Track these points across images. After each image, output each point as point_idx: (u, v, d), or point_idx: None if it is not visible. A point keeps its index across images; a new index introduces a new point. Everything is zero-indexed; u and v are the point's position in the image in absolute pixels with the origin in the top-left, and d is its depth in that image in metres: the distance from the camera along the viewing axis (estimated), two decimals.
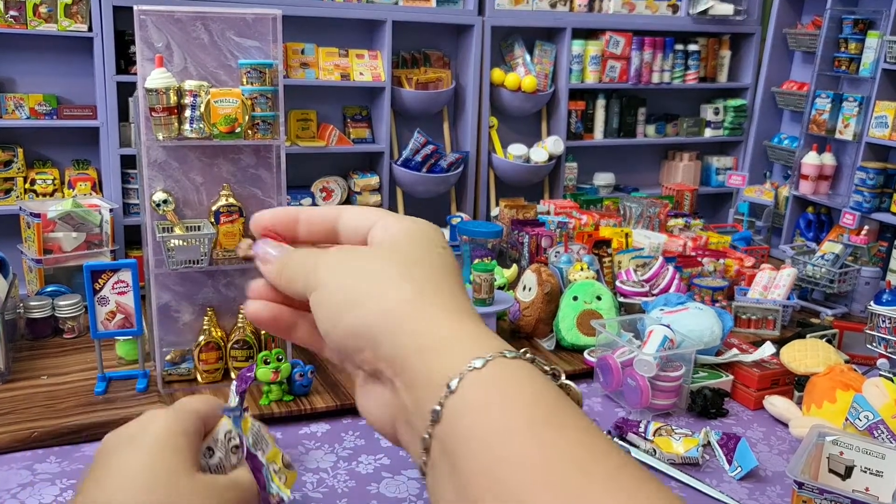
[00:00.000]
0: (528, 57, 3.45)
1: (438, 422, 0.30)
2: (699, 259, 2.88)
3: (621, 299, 2.62)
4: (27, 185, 2.74)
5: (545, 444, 0.28)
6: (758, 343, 2.40)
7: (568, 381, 0.34)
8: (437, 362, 0.32)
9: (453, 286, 0.36)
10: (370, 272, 0.36)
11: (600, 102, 3.68)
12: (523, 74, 3.40)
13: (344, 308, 0.35)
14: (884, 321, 2.38)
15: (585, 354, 2.38)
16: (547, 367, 0.34)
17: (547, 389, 0.31)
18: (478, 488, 0.29)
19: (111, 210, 2.63)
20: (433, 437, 0.31)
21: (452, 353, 0.32)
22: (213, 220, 2.09)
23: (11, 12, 2.60)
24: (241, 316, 2.15)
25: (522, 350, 0.32)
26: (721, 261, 2.87)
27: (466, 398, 0.30)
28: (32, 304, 2.37)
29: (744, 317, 2.61)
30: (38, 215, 2.46)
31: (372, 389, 0.36)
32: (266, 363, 2.00)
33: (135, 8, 1.98)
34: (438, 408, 0.30)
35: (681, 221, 3.29)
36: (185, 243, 2.01)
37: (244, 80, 2.04)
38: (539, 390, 0.31)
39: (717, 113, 3.94)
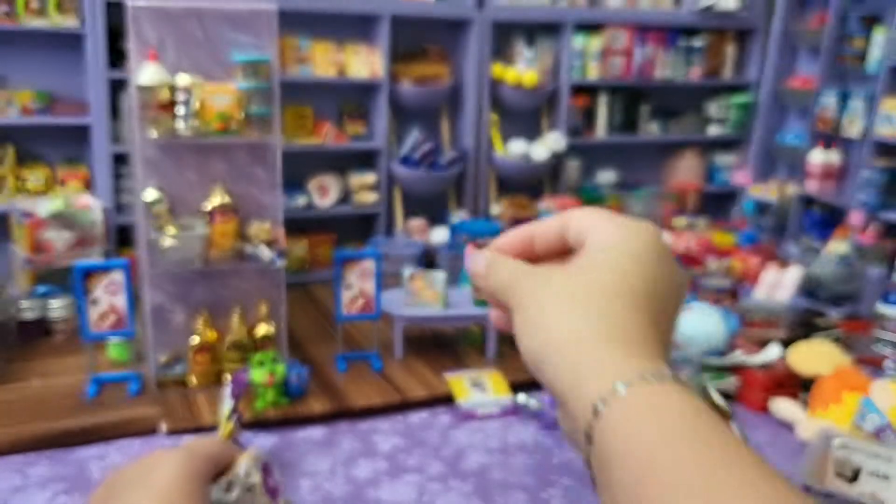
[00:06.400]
0: (528, 52, 3.41)
1: (591, 444, 0.34)
2: (704, 259, 2.84)
3: None
4: (18, 184, 2.70)
5: (679, 458, 0.31)
6: (764, 344, 2.37)
7: (719, 400, 0.37)
8: (587, 390, 0.35)
9: (630, 312, 0.38)
10: (549, 302, 0.39)
11: (602, 98, 3.63)
12: (524, 69, 3.35)
13: (521, 334, 0.40)
14: (892, 322, 2.34)
15: None
16: (696, 388, 0.36)
17: (693, 409, 0.33)
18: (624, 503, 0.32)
19: (103, 209, 2.60)
20: (591, 455, 0.34)
21: (600, 382, 0.35)
22: (207, 219, 2.05)
23: (2, 7, 2.55)
24: (235, 317, 2.12)
25: (668, 373, 0.34)
26: (726, 260, 2.84)
27: (610, 423, 0.33)
28: (23, 305, 2.34)
29: (749, 317, 2.58)
30: (29, 214, 2.42)
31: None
32: (261, 365, 1.96)
33: (128, 2, 1.94)
34: (590, 432, 0.34)
35: (685, 220, 3.25)
36: (178, 243, 1.98)
37: (239, 75, 2.00)
38: (683, 410, 0.33)
39: (721, 109, 3.90)
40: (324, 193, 3.12)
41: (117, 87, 2.67)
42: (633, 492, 0.31)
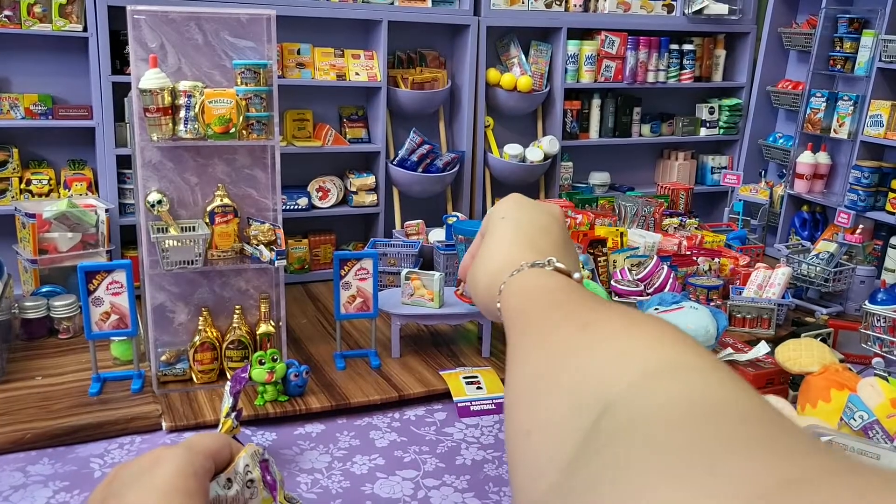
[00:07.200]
0: (523, 57, 3.46)
1: (500, 312, 0.55)
2: (694, 258, 2.88)
3: (616, 298, 2.63)
4: (23, 186, 2.73)
5: (536, 305, 0.50)
6: (753, 342, 2.41)
7: (578, 275, 0.55)
8: (499, 282, 0.57)
9: (519, 244, 0.60)
10: (477, 267, 0.63)
11: (595, 102, 3.68)
12: (519, 74, 3.40)
13: (472, 291, 0.64)
14: (879, 320, 2.38)
15: None
16: (562, 267, 0.54)
17: (547, 281, 0.53)
18: (510, 334, 0.51)
19: (107, 210, 2.63)
20: (503, 317, 0.55)
21: (503, 276, 0.56)
22: (207, 220, 2.09)
23: (6, 12, 2.59)
24: (236, 316, 2.16)
25: (545, 261, 0.54)
26: (716, 260, 2.88)
27: (505, 294, 0.54)
28: (27, 304, 2.37)
29: (738, 316, 2.62)
30: (33, 215, 2.45)
31: None
32: (261, 363, 2.00)
33: (128, 8, 1.97)
34: (498, 304, 0.55)
35: (676, 220, 3.29)
36: (179, 244, 2.01)
37: (238, 80, 2.04)
38: (543, 283, 0.52)
39: (712, 112, 3.94)
40: (324, 195, 3.16)
41: (121, 91, 2.71)
42: (514, 330, 0.50)
